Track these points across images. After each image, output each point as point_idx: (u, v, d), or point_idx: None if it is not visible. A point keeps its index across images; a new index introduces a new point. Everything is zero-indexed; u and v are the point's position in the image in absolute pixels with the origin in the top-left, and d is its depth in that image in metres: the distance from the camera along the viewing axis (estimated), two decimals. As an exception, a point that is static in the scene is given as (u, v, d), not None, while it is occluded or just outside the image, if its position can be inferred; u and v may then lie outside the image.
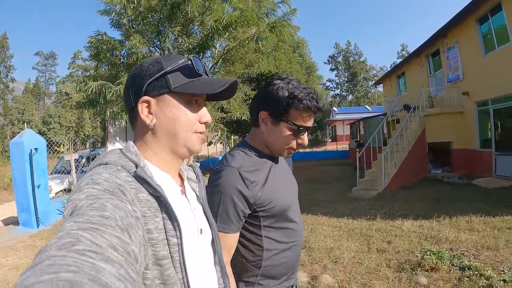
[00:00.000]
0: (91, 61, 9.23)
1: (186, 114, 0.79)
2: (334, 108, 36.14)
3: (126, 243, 0.49)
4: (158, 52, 9.13)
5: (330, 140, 34.39)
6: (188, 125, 0.79)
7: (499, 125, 9.65)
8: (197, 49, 8.36)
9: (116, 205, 0.56)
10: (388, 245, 4.65)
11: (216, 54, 9.41)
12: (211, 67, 9.55)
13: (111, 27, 8.97)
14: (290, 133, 1.22)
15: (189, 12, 7.91)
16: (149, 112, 0.77)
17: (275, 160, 1.33)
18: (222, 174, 1.17)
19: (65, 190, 9.68)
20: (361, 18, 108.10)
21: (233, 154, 1.25)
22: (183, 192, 0.85)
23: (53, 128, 41.29)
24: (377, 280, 3.61)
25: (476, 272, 3.56)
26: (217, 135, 10.18)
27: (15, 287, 0.33)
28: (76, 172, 8.51)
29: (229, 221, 1.14)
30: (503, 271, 3.62)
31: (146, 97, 0.76)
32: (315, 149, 29.02)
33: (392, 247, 4.55)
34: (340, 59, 54.00)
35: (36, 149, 6.73)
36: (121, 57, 8.91)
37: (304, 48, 19.96)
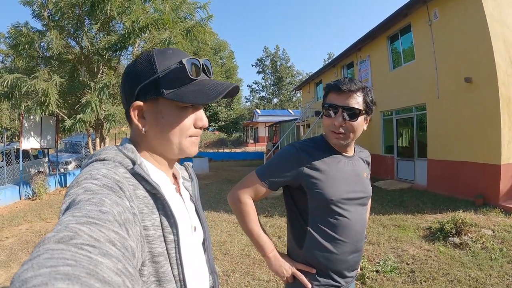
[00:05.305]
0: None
1: (180, 120, 0.73)
2: (257, 110, 37.48)
3: (124, 238, 0.47)
4: (76, 47, 9.12)
5: (252, 141, 35.09)
6: (181, 132, 0.74)
7: (401, 133, 10.59)
8: (113, 48, 8.44)
9: (114, 200, 0.54)
10: (278, 239, 4.80)
11: (134, 54, 9.50)
12: None
13: (33, 18, 8.71)
14: (326, 114, 1.30)
15: (108, 10, 7.89)
16: (142, 117, 0.74)
17: (346, 157, 1.37)
18: (286, 146, 1.40)
19: None
20: (296, 24, 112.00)
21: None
22: (177, 190, 0.84)
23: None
24: (259, 270, 3.79)
25: (351, 263, 3.74)
26: None
27: (12, 280, 0.32)
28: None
29: (262, 170, 1.36)
30: (378, 263, 3.85)
31: (138, 103, 0.73)
32: (235, 150, 29.69)
33: (281, 241, 4.72)
34: (268, 62, 54.56)
35: None
36: (40, 50, 8.68)
37: (226, 51, 20.31)
